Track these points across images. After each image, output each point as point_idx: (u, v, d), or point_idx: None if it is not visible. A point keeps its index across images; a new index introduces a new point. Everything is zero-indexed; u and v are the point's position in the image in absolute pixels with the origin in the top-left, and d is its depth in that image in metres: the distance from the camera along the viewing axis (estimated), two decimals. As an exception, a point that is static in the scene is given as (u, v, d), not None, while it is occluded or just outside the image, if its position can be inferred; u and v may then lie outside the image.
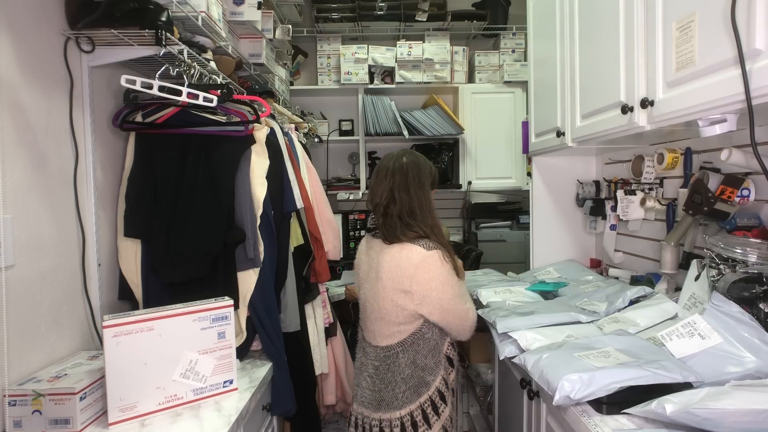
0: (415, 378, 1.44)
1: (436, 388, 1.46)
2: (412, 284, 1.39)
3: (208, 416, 1.21)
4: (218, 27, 1.72)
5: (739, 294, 1.17)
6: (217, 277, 1.53)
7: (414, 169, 1.48)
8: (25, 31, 1.23)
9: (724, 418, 0.84)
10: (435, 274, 1.39)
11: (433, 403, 1.44)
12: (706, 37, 1.04)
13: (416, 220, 1.45)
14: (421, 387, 1.45)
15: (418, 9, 3.18)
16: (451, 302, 1.43)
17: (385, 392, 1.45)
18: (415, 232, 1.43)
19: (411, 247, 1.41)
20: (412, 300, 1.40)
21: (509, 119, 3.30)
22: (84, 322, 1.43)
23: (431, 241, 1.43)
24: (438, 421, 1.44)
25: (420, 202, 1.46)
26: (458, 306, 1.45)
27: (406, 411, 1.43)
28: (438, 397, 1.46)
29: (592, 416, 1.03)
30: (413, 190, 1.46)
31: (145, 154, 1.55)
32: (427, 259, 1.39)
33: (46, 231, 1.28)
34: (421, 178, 1.49)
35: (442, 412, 1.46)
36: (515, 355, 1.35)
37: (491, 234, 3.07)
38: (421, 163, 1.52)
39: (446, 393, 1.49)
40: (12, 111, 1.18)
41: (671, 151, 1.63)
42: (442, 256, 1.42)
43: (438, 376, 1.47)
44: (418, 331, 1.45)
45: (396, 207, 1.45)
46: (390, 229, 1.45)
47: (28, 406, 1.11)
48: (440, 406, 1.46)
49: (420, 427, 1.42)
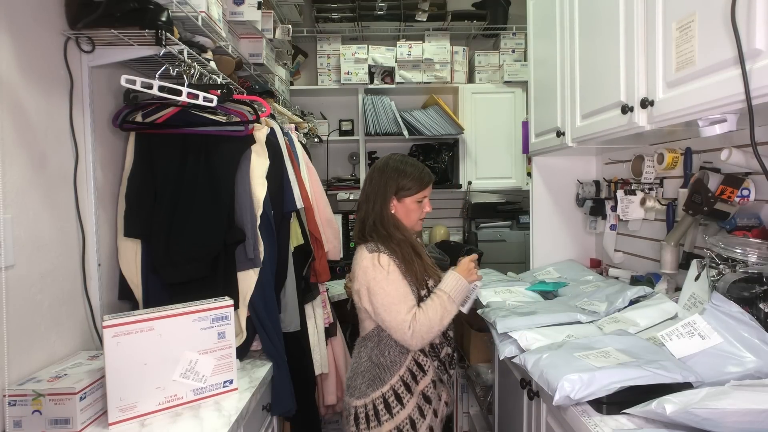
0: (371, 372, 1.50)
1: (391, 387, 1.47)
2: (357, 284, 1.52)
3: (208, 416, 1.21)
4: (218, 27, 1.72)
5: (739, 294, 1.17)
6: (217, 277, 1.53)
7: (378, 178, 1.59)
8: (25, 31, 1.23)
9: (724, 418, 0.84)
10: (370, 277, 1.47)
11: (386, 402, 1.47)
12: (706, 37, 1.04)
13: (374, 226, 1.55)
14: (376, 382, 1.49)
15: (418, 9, 3.18)
16: (381, 308, 1.45)
17: (351, 380, 1.55)
18: (370, 237, 1.54)
19: (361, 249, 1.54)
20: (360, 299, 1.52)
21: (509, 119, 3.29)
22: (84, 322, 1.43)
23: (380, 244, 1.51)
24: (391, 421, 1.45)
25: (377, 211, 1.56)
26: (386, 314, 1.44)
27: (362, 402, 1.49)
28: (393, 397, 1.47)
29: (592, 416, 1.03)
30: (371, 200, 1.58)
31: (145, 154, 1.55)
32: (365, 261, 1.49)
33: (46, 231, 1.28)
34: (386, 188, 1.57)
35: (396, 413, 1.46)
36: (515, 355, 1.35)
37: (491, 234, 3.07)
38: (388, 172, 1.58)
39: (405, 396, 1.47)
40: (12, 111, 1.18)
41: (671, 151, 1.63)
42: (377, 259, 1.47)
43: (395, 376, 1.48)
44: (377, 328, 1.53)
45: (360, 213, 1.61)
46: (355, 232, 1.62)
47: (28, 406, 1.11)
48: (394, 406, 1.46)
49: (372, 421, 1.47)
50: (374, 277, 1.46)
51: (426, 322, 1.43)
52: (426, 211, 1.63)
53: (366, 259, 1.49)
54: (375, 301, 1.46)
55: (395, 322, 1.43)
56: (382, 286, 1.45)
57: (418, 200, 1.59)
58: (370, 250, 1.50)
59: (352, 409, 1.51)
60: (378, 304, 1.46)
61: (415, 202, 1.59)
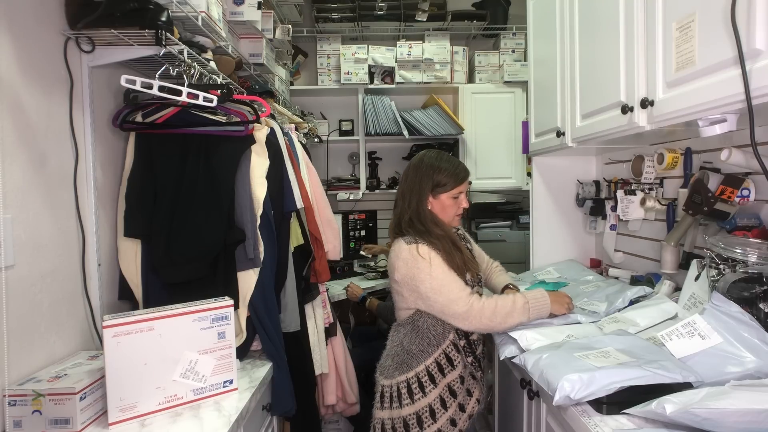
0: (400, 357, 1.55)
1: (416, 374, 1.51)
2: (398, 274, 1.54)
3: (208, 416, 1.21)
4: (218, 27, 1.72)
5: (739, 294, 1.17)
6: (217, 277, 1.53)
7: (413, 175, 1.62)
8: (25, 31, 1.23)
9: (724, 418, 0.84)
10: (412, 266, 1.50)
11: (409, 387, 1.51)
12: (706, 37, 1.04)
13: (410, 222, 1.58)
14: (403, 367, 1.53)
15: (418, 9, 3.18)
16: (430, 291, 1.48)
17: (384, 360, 1.61)
18: (406, 231, 1.57)
19: (398, 241, 1.57)
20: (401, 288, 1.55)
21: (509, 119, 3.29)
22: (84, 322, 1.43)
23: (417, 236, 1.54)
24: (410, 406, 1.50)
25: (413, 208, 1.58)
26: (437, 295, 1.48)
27: (388, 382, 1.55)
28: (416, 384, 1.51)
29: (592, 416, 1.03)
30: (407, 197, 1.61)
31: (145, 154, 1.55)
32: (404, 252, 1.52)
33: (46, 231, 1.28)
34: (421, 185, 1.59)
35: (417, 399, 1.50)
36: (515, 355, 1.35)
37: (491, 234, 3.07)
38: (423, 169, 1.61)
39: (428, 386, 1.51)
40: (12, 111, 1.18)
41: (671, 151, 1.63)
42: (416, 249, 1.50)
43: (421, 365, 1.51)
44: (411, 317, 1.57)
45: (397, 210, 1.65)
46: (390, 227, 1.66)
47: (28, 406, 1.11)
48: (416, 393, 1.50)
49: (394, 402, 1.53)
50: (416, 265, 1.49)
51: (492, 307, 1.46)
52: (463, 207, 1.63)
53: (404, 251, 1.52)
54: (422, 287, 1.49)
55: (448, 299, 1.46)
56: (427, 272, 1.47)
57: (453, 196, 1.61)
58: (407, 242, 1.53)
59: (379, 387, 1.57)
60: (426, 288, 1.48)
61: (451, 198, 1.60)
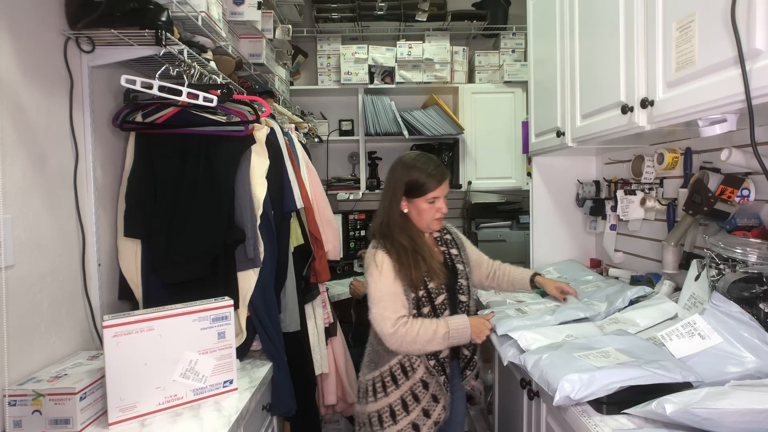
0: (371, 355, 1.60)
1: (380, 374, 1.55)
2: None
3: (208, 416, 1.21)
4: (218, 27, 1.72)
5: (739, 294, 1.17)
6: (217, 277, 1.53)
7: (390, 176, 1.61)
8: (25, 31, 1.23)
9: (724, 418, 0.84)
10: (367, 271, 1.55)
11: (374, 386, 1.55)
12: (706, 37, 1.04)
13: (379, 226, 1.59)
14: (371, 365, 1.58)
15: (418, 9, 3.18)
16: (370, 300, 1.52)
17: (364, 356, 1.64)
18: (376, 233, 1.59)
19: (371, 244, 1.59)
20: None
21: (509, 119, 3.29)
22: (84, 322, 1.43)
23: (382, 240, 1.55)
24: (374, 404, 1.54)
25: (386, 210, 1.58)
26: (373, 306, 1.50)
27: (362, 378, 1.61)
28: (380, 384, 1.54)
29: (592, 416, 1.03)
30: (383, 199, 1.61)
31: (145, 154, 1.55)
32: (368, 256, 1.56)
33: (46, 231, 1.28)
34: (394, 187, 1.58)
35: (380, 398, 1.53)
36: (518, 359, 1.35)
37: (491, 234, 3.07)
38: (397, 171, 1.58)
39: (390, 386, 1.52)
40: (12, 111, 1.18)
41: (671, 151, 1.63)
42: (375, 255, 1.52)
43: (386, 365, 1.54)
44: None
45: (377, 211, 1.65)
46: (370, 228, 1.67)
47: (28, 406, 1.11)
48: (380, 392, 1.54)
49: (362, 398, 1.59)
50: (370, 271, 1.53)
51: (413, 334, 1.45)
52: (442, 212, 1.56)
53: (369, 255, 1.56)
54: (368, 292, 1.53)
55: (378, 316, 1.48)
56: (375, 280, 1.50)
57: (429, 201, 1.53)
58: (372, 246, 1.56)
59: (358, 384, 1.64)
60: (370, 294, 1.52)
61: (427, 202, 1.53)
